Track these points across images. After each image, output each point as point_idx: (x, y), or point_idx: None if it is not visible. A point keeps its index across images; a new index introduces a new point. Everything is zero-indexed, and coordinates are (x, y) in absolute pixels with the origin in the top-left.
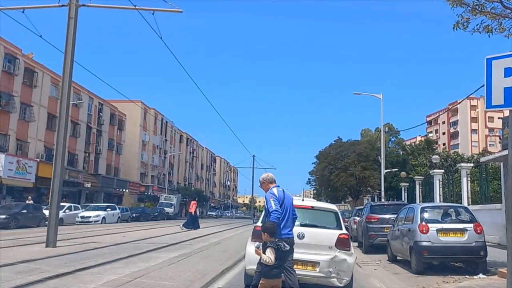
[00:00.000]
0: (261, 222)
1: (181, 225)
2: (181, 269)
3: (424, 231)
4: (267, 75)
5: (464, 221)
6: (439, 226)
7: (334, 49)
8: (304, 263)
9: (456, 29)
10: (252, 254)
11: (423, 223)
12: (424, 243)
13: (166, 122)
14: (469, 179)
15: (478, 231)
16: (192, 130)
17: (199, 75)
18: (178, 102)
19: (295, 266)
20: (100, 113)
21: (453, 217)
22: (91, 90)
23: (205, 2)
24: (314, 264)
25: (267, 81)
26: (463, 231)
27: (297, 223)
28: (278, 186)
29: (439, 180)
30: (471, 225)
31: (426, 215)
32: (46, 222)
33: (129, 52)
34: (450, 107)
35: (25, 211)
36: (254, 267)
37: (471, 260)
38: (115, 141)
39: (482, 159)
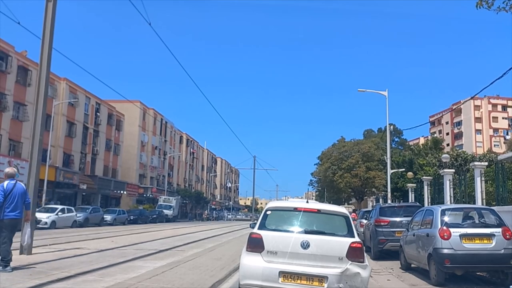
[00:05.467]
0: (259, 225)
1: None
2: (163, 283)
3: (446, 237)
4: (269, 75)
5: (491, 225)
6: (463, 231)
7: (335, 49)
8: (310, 277)
9: (480, 7)
10: (249, 267)
11: (444, 227)
12: (446, 251)
13: (166, 122)
14: (483, 178)
15: (508, 237)
16: (192, 131)
17: (199, 75)
18: (179, 103)
19: (298, 281)
20: (97, 113)
21: (477, 221)
22: (88, 90)
23: (206, 1)
24: (322, 279)
25: (269, 81)
26: (490, 236)
27: (300, 229)
28: (13, 179)
29: (449, 180)
30: (499, 229)
31: (447, 218)
32: (37, 225)
33: (129, 53)
34: (453, 107)
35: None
36: (250, 281)
37: (499, 270)
38: (112, 142)
39: (500, 157)
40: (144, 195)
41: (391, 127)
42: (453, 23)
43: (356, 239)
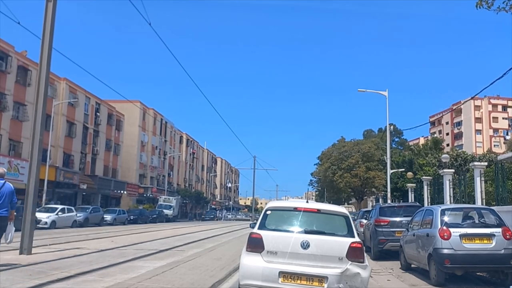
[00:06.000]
0: (259, 225)
1: None
2: (163, 283)
3: (446, 237)
4: (268, 75)
5: (490, 225)
6: (463, 231)
7: (335, 49)
8: (310, 277)
9: (480, 7)
10: (249, 267)
11: (444, 227)
12: (446, 251)
13: (166, 122)
14: (483, 179)
15: (508, 237)
16: (192, 131)
17: (199, 75)
18: (179, 103)
19: (298, 281)
20: (97, 113)
21: (477, 221)
22: (88, 90)
23: (206, 1)
24: (322, 279)
25: (268, 81)
26: (490, 236)
27: (300, 229)
28: (2, 179)
29: (449, 180)
30: (499, 229)
31: (447, 218)
32: (37, 225)
33: (129, 53)
34: (454, 108)
35: (14, 213)
36: (251, 281)
37: (499, 270)
38: (112, 142)
39: (500, 157)
40: (144, 195)
41: (391, 127)
42: (453, 23)
43: (356, 239)
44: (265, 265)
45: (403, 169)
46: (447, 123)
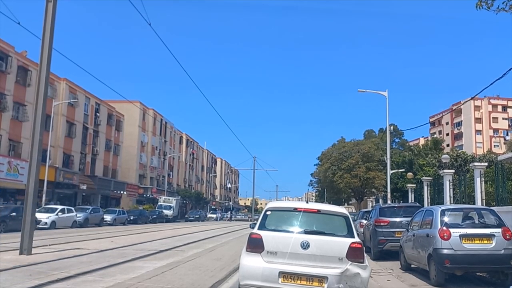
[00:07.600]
0: (259, 226)
1: None
2: (163, 283)
3: (446, 237)
4: (268, 75)
5: (490, 225)
6: (463, 231)
7: (335, 49)
8: (310, 278)
9: (479, 8)
10: (249, 267)
11: (444, 227)
12: (446, 251)
13: (166, 123)
14: (483, 179)
15: (507, 237)
16: (192, 131)
17: (199, 75)
18: (179, 103)
19: (298, 282)
20: (97, 113)
21: (477, 221)
22: (88, 90)
23: (206, 1)
24: (321, 279)
25: (268, 82)
26: (490, 237)
27: (300, 230)
28: None
29: (449, 180)
30: (499, 230)
31: (446, 218)
32: (37, 226)
33: (129, 53)
34: (453, 108)
35: (14, 213)
36: (251, 282)
37: (499, 270)
38: (112, 142)
39: (500, 158)
40: (144, 196)
41: (392, 127)
42: (453, 23)
43: (356, 239)
44: (265, 265)
45: (403, 170)
46: (447, 123)
